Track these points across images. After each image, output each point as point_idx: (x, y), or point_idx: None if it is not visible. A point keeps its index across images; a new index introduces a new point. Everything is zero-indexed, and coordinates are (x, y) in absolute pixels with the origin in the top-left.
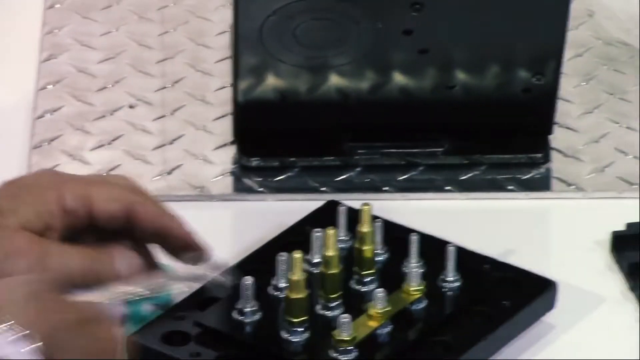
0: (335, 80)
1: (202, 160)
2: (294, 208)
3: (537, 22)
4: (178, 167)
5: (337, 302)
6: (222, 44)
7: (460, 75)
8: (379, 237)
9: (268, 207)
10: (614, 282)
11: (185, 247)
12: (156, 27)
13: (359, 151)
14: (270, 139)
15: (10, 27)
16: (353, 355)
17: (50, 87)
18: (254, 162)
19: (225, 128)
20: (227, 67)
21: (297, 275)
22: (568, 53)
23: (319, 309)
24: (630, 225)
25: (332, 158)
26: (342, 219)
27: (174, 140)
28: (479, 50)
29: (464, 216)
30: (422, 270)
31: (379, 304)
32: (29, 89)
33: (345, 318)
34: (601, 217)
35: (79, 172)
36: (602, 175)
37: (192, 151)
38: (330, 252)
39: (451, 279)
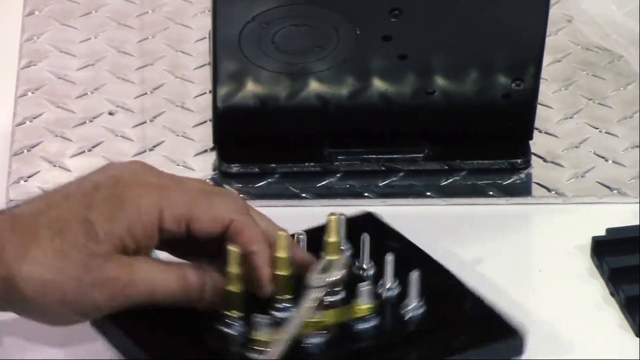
0: (314, 86)
1: (182, 167)
2: (275, 214)
3: (516, 28)
4: None
5: (284, 305)
6: (202, 50)
7: (440, 81)
8: (367, 249)
9: None
10: (595, 287)
11: (257, 274)
12: (135, 33)
13: (339, 157)
14: (250, 145)
15: None
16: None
17: (29, 94)
18: (234, 168)
19: (205, 134)
20: (206, 73)
21: (233, 269)
22: (547, 59)
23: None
24: (610, 231)
25: (312, 164)
26: (342, 229)
27: (154, 146)
28: (458, 56)
29: (444, 222)
30: (372, 289)
31: (316, 313)
32: (9, 95)
33: (264, 319)
34: (581, 222)
35: (59, 179)
36: (582, 180)
37: (172, 157)
38: (281, 254)
39: (412, 305)
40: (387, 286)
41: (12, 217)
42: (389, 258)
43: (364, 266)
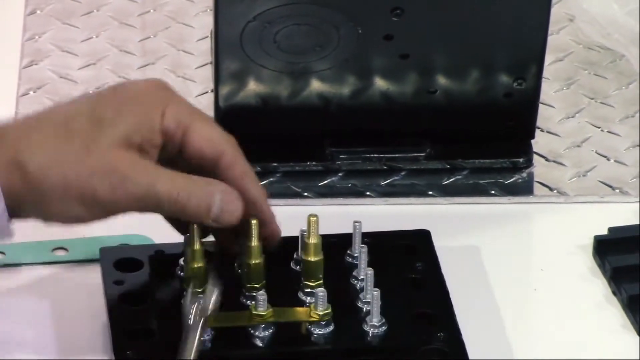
0: (316, 85)
1: None
2: (277, 213)
3: (518, 27)
4: None
5: (255, 292)
6: (203, 49)
7: (442, 80)
8: (364, 260)
9: None
10: (597, 286)
11: (266, 219)
12: (137, 33)
13: (341, 156)
14: (252, 145)
15: None
16: (205, 336)
17: (31, 93)
18: None
19: None
20: (208, 72)
21: (195, 246)
22: (549, 58)
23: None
24: (612, 230)
25: (314, 163)
26: (357, 237)
27: None
28: (459, 55)
29: (446, 221)
30: (325, 296)
31: (260, 306)
32: (11, 95)
33: (262, 295)
34: (583, 222)
35: None
36: (584, 179)
37: None
38: (252, 243)
39: (371, 322)
40: (364, 299)
41: (16, 118)
42: (369, 273)
43: (361, 277)
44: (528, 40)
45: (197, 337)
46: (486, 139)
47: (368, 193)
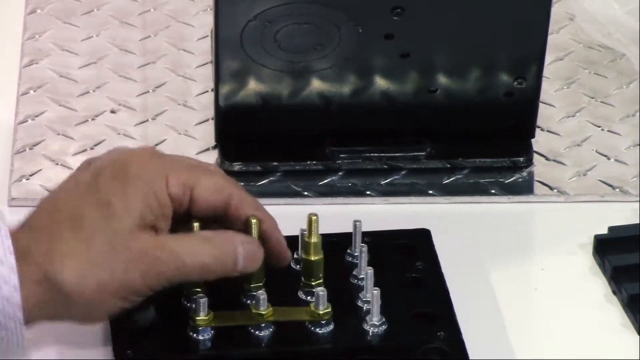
0: (316, 84)
1: None
2: (277, 212)
3: (518, 26)
4: None
5: (255, 292)
6: (204, 48)
7: (442, 80)
8: (364, 260)
9: None
10: (597, 285)
11: (274, 248)
12: (137, 32)
13: (341, 155)
14: (252, 144)
15: None
16: (206, 335)
17: (31, 92)
18: (236, 166)
19: (207, 133)
20: (208, 71)
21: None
22: (549, 57)
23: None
24: (612, 229)
25: (314, 162)
26: (357, 236)
27: (156, 144)
28: (460, 54)
29: (446, 220)
30: (325, 295)
31: (260, 305)
32: (11, 94)
33: (202, 298)
34: (584, 221)
35: (62, 177)
36: (584, 178)
37: None
38: None
39: (371, 322)
40: (364, 298)
41: (28, 226)
42: (369, 272)
43: (361, 276)
44: (528, 39)
45: None
46: (486, 138)
47: (368, 192)
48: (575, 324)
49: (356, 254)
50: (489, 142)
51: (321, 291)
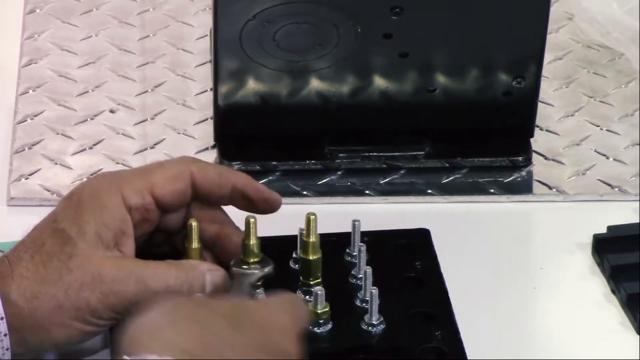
0: (315, 84)
1: None
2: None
3: (517, 26)
4: None
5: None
6: (202, 48)
7: (441, 79)
8: (363, 259)
9: None
10: (596, 284)
11: (259, 197)
12: (136, 31)
13: (340, 155)
14: (252, 143)
15: None
16: None
17: (30, 91)
18: (235, 166)
19: (206, 132)
20: (207, 71)
21: (194, 244)
22: (548, 56)
23: None
24: (611, 228)
25: (313, 162)
26: (356, 235)
27: (155, 144)
28: (459, 54)
29: (445, 219)
30: (324, 294)
31: None
32: (10, 93)
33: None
34: (582, 220)
35: (60, 176)
36: (583, 178)
37: (173, 155)
38: (251, 241)
39: (370, 320)
40: (363, 298)
41: (1, 259)
42: (367, 271)
43: (359, 275)
44: (527, 38)
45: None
46: (485, 137)
47: (367, 192)
48: (574, 323)
49: (355, 253)
50: (488, 142)
51: (319, 290)
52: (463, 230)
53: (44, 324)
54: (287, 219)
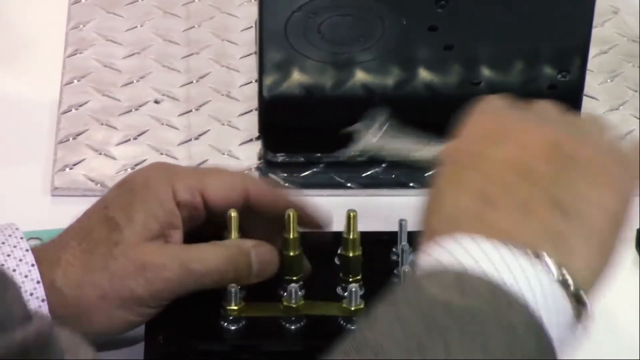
0: (360, 76)
1: (228, 156)
2: (320, 203)
3: (562, 19)
4: (204, 162)
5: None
6: (247, 39)
7: (486, 72)
8: (406, 252)
9: None
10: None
11: (309, 218)
12: (181, 22)
13: None
14: (296, 135)
15: (36, 23)
16: (237, 325)
17: (75, 82)
18: (280, 157)
19: (250, 123)
20: (252, 62)
21: (233, 235)
22: (593, 50)
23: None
24: None
25: (357, 154)
26: (403, 234)
27: (200, 135)
28: (504, 47)
29: None
30: (360, 292)
31: (292, 298)
32: (55, 84)
33: (233, 288)
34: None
35: (105, 167)
36: None
37: (217, 146)
38: (291, 235)
39: None
40: None
41: (47, 244)
42: (405, 270)
43: (399, 252)
44: (572, 32)
45: None
46: None
47: (411, 184)
48: (618, 318)
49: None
50: None
51: (354, 287)
52: None
53: (88, 313)
54: (331, 211)
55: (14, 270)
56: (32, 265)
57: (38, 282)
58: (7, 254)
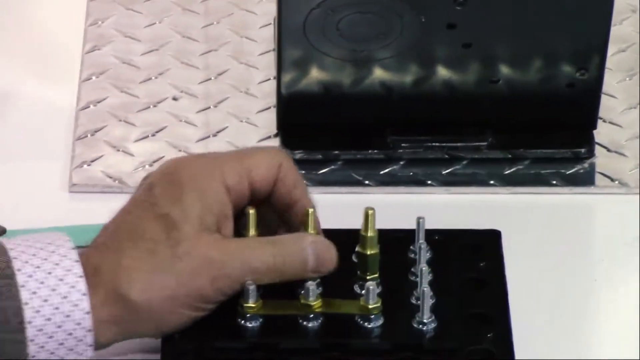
0: (378, 73)
1: None
2: (338, 201)
3: (581, 18)
4: None
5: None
6: (266, 36)
7: (504, 70)
8: (424, 250)
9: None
10: None
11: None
12: (200, 19)
13: (403, 145)
14: (314, 132)
15: (55, 19)
16: (254, 323)
17: (94, 78)
18: (298, 154)
19: (268, 120)
20: (270, 59)
21: (251, 232)
22: (611, 48)
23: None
24: None
25: (375, 151)
26: (421, 232)
27: (218, 132)
28: (522, 45)
29: (507, 210)
30: (378, 290)
31: (309, 296)
32: (73, 80)
33: (251, 285)
34: None
35: (123, 163)
36: None
37: (235, 143)
38: (310, 232)
39: (421, 319)
40: (417, 295)
41: (94, 247)
42: (423, 269)
43: (417, 250)
44: (591, 30)
45: None
46: (548, 128)
47: (429, 182)
48: (618, 319)
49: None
50: (550, 133)
51: (371, 285)
52: (524, 221)
53: (158, 315)
54: (348, 208)
55: (61, 280)
56: (80, 276)
57: (84, 294)
58: (55, 263)
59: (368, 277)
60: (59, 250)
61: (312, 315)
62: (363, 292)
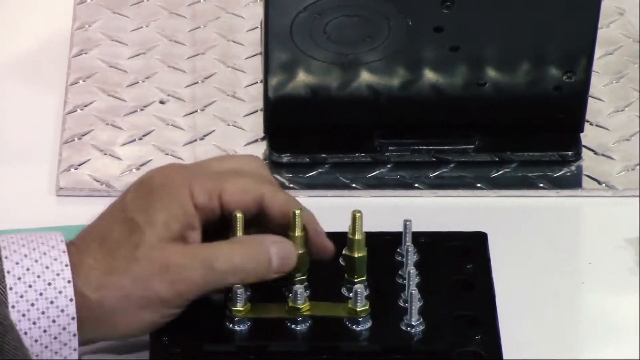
0: (365, 76)
1: None
2: (325, 204)
3: (568, 20)
4: None
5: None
6: (253, 40)
7: (491, 73)
8: (411, 253)
9: None
10: None
11: (316, 241)
12: (187, 22)
13: (390, 148)
14: (301, 135)
15: (41, 23)
16: (242, 326)
17: (81, 82)
18: (285, 158)
19: (256, 124)
20: (257, 63)
21: (239, 233)
22: (598, 51)
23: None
24: None
25: (362, 154)
26: (407, 235)
27: (205, 135)
28: (509, 48)
29: (494, 213)
30: (365, 293)
31: (297, 299)
32: (60, 84)
33: (239, 289)
34: (631, 216)
35: (110, 167)
36: (632, 173)
37: (222, 147)
38: (296, 233)
39: (408, 321)
40: (405, 298)
41: (67, 247)
42: (411, 271)
43: (404, 252)
44: (578, 33)
45: None
46: (535, 131)
47: (416, 185)
48: (623, 319)
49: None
50: (537, 136)
51: (359, 288)
52: (511, 224)
53: (111, 315)
54: (336, 211)
55: (47, 268)
56: (66, 265)
57: (69, 281)
58: (43, 252)
59: (356, 280)
60: (49, 242)
61: (300, 319)
62: (351, 294)
